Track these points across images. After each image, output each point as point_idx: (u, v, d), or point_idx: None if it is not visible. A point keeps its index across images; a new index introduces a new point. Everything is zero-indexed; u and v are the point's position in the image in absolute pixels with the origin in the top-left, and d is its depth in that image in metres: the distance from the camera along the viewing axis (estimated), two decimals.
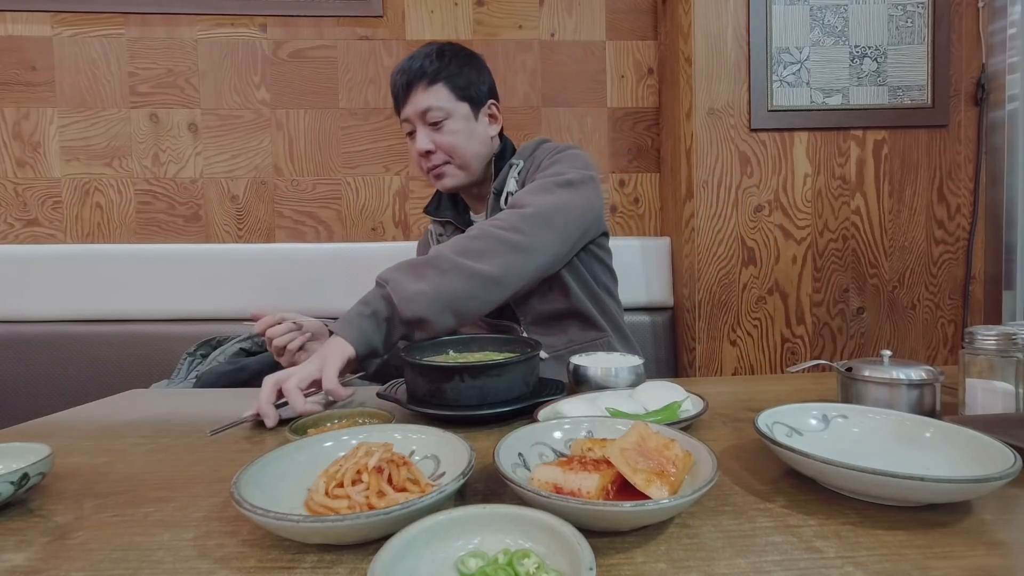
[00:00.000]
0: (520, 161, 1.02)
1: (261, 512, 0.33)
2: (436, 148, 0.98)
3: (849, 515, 0.39)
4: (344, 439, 0.46)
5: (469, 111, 0.99)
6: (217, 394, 0.88)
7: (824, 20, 1.44)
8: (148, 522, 0.40)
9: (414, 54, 0.99)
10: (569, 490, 0.37)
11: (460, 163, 1.00)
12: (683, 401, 0.57)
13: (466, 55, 1.01)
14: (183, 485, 0.47)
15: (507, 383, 0.64)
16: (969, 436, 0.45)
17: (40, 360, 1.48)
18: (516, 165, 1.01)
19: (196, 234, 1.64)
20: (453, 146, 0.98)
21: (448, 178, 1.01)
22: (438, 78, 0.96)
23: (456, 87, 0.97)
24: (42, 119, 1.59)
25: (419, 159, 1.01)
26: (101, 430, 0.64)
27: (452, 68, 0.97)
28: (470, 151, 1.00)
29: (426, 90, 0.96)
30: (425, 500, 0.34)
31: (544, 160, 0.99)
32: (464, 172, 1.01)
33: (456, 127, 0.97)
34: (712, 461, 0.39)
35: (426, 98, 0.96)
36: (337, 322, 0.74)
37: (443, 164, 1.00)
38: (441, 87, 0.96)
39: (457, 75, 0.98)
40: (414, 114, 0.97)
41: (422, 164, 1.02)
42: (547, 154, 1.01)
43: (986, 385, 0.60)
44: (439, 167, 1.00)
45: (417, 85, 0.96)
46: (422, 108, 0.96)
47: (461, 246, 0.80)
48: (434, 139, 0.98)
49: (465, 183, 1.03)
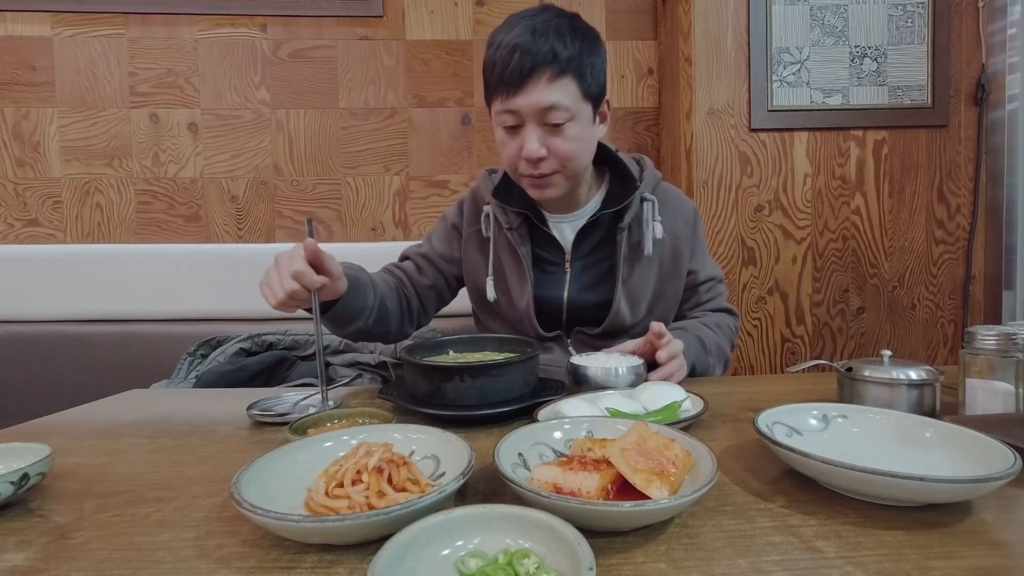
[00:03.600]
0: (654, 199, 0.89)
1: (261, 512, 0.33)
2: (550, 154, 0.80)
3: (849, 515, 0.39)
4: (344, 439, 0.46)
5: (591, 113, 0.82)
6: (217, 394, 0.88)
7: (824, 20, 1.44)
8: (148, 522, 0.40)
9: (535, 23, 0.77)
10: (569, 490, 0.37)
11: (571, 173, 0.83)
12: (683, 401, 0.57)
13: (594, 35, 0.82)
14: (183, 485, 0.47)
15: (507, 383, 0.64)
16: (969, 436, 0.45)
17: (40, 360, 1.48)
18: (652, 203, 0.89)
19: (196, 234, 1.64)
20: (571, 155, 0.80)
21: (553, 189, 0.84)
22: (569, 68, 0.76)
23: (585, 82, 0.78)
24: (42, 119, 1.59)
25: (517, 161, 0.82)
26: (101, 430, 0.64)
27: (584, 55, 0.78)
28: (584, 161, 0.84)
29: (552, 82, 0.76)
30: (425, 500, 0.34)
31: (700, 238, 0.98)
32: (571, 183, 0.86)
33: (577, 132, 0.80)
34: (712, 461, 0.39)
35: (551, 93, 0.76)
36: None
37: (552, 174, 0.82)
38: (570, 81, 0.77)
39: (588, 65, 0.78)
40: (529, 109, 0.77)
41: (521, 168, 0.82)
42: (694, 219, 0.96)
43: (986, 385, 0.60)
44: (547, 176, 0.82)
45: (543, 73, 0.75)
46: (544, 104, 0.76)
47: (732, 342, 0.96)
48: (549, 144, 0.79)
49: (566, 193, 0.88)
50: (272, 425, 0.64)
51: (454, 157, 1.69)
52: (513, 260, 0.92)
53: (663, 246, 0.91)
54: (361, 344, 1.35)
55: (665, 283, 0.93)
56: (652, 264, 0.91)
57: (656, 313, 0.93)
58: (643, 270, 0.91)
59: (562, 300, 0.91)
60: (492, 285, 0.93)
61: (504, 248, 0.93)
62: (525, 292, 0.91)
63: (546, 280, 0.92)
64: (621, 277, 0.89)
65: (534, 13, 0.79)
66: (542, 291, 0.91)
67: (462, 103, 1.68)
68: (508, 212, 0.91)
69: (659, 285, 0.93)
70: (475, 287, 0.98)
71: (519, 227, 0.91)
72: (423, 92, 1.67)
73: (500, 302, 0.94)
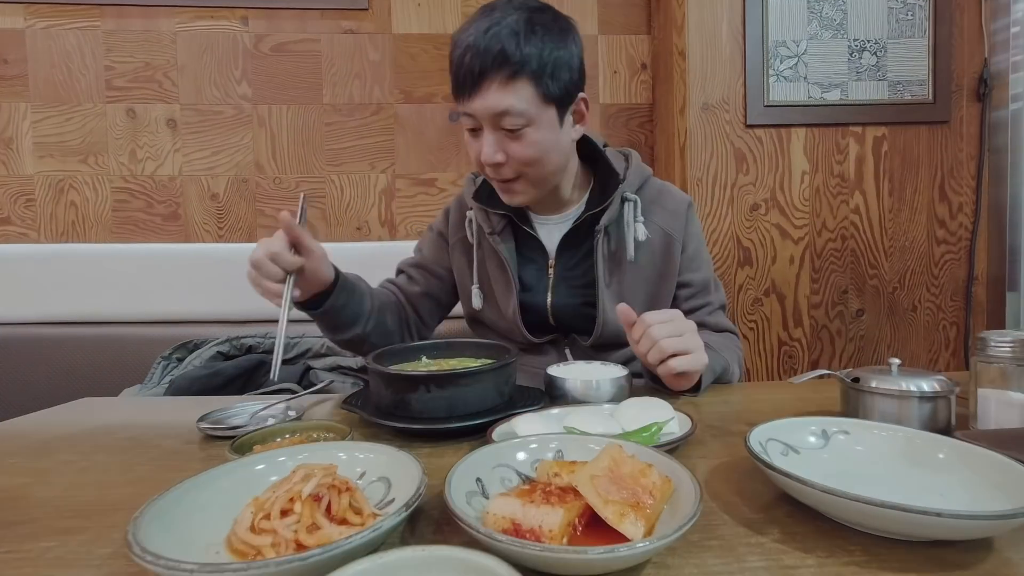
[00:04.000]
0: (636, 198, 0.84)
1: (151, 559, 0.28)
2: (507, 160, 0.76)
3: (854, 552, 0.34)
4: (280, 460, 0.41)
5: (555, 117, 0.76)
6: (174, 403, 0.82)
7: (822, 13, 1.39)
8: (43, 560, 0.35)
9: (491, 20, 0.71)
10: (528, 527, 0.31)
11: (537, 178, 0.79)
12: (666, 423, 0.51)
13: (560, 29, 0.75)
14: (101, 512, 0.42)
15: (479, 393, 0.58)
16: (987, 458, 0.40)
17: (10, 364, 1.42)
18: (633, 203, 0.84)
19: (175, 233, 1.59)
20: (530, 160, 0.76)
21: (521, 195, 0.81)
22: (523, 71, 0.71)
23: (544, 85, 0.73)
24: (14, 114, 1.54)
25: (482, 165, 0.79)
26: (33, 445, 0.58)
27: (544, 55, 0.72)
28: (549, 166, 0.79)
29: (505, 86, 0.71)
30: (354, 541, 0.29)
31: (695, 232, 0.89)
32: (536, 188, 0.81)
33: (536, 137, 0.75)
34: (695, 490, 0.34)
35: (503, 97, 0.71)
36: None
37: (514, 179, 0.79)
38: (526, 84, 0.72)
39: (548, 66, 0.72)
40: (484, 113, 0.73)
41: (486, 172, 0.81)
42: (687, 210, 0.88)
43: (1000, 396, 0.55)
44: (509, 182, 0.79)
45: (494, 77, 0.71)
46: (497, 110, 0.72)
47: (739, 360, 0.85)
48: (507, 149, 0.75)
49: (535, 199, 0.83)
50: (223, 439, 0.59)
51: (442, 154, 1.64)
52: (498, 266, 0.88)
53: (652, 248, 0.85)
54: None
55: (660, 286, 0.87)
56: (640, 268, 0.85)
57: None
58: (629, 275, 0.85)
59: (546, 306, 0.87)
60: (477, 293, 0.89)
61: (489, 254, 0.89)
62: (511, 299, 0.86)
63: (530, 285, 0.88)
64: (603, 283, 0.83)
65: (494, 7, 0.74)
66: (526, 296, 0.87)
67: (450, 99, 1.58)
68: (491, 216, 0.87)
69: (653, 289, 0.87)
70: (464, 296, 0.95)
71: (502, 231, 0.87)
72: (410, 87, 1.62)
73: (487, 310, 0.91)
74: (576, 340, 0.88)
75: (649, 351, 0.64)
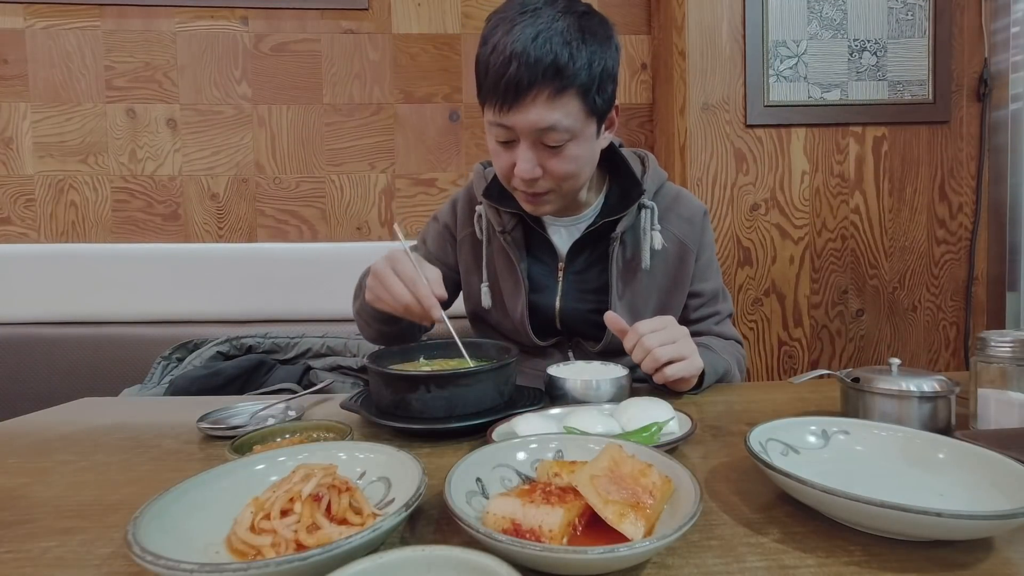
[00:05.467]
0: (653, 205, 0.81)
1: (151, 559, 0.28)
2: (545, 174, 0.72)
3: (853, 552, 0.34)
4: (280, 460, 0.41)
5: (595, 130, 0.72)
6: (175, 403, 0.82)
7: (822, 12, 1.39)
8: (43, 560, 0.35)
9: (539, 22, 0.64)
10: (528, 527, 0.31)
11: (568, 191, 0.75)
12: (666, 422, 0.51)
13: (605, 36, 0.69)
14: (101, 512, 0.42)
15: (478, 393, 0.58)
16: (986, 457, 0.40)
17: (10, 363, 1.42)
18: (650, 210, 0.80)
19: (175, 233, 1.59)
20: (568, 175, 0.72)
21: (548, 205, 0.76)
22: (574, 84, 0.66)
23: (591, 100, 0.68)
24: (14, 114, 1.54)
25: (510, 176, 0.74)
26: (33, 445, 0.58)
27: (593, 67, 0.66)
28: (583, 179, 0.76)
29: (552, 100, 0.66)
30: (353, 541, 0.29)
31: (708, 241, 0.87)
32: (566, 200, 0.77)
33: (577, 152, 0.71)
34: (695, 490, 0.34)
35: (549, 113, 0.66)
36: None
37: (547, 192, 0.74)
38: (573, 98, 0.66)
39: (596, 79, 0.67)
40: (525, 128, 0.68)
41: (514, 183, 0.75)
42: (702, 219, 0.86)
43: (1000, 396, 0.55)
44: (541, 195, 0.74)
45: (542, 90, 0.65)
46: (542, 126, 0.67)
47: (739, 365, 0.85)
48: (545, 164, 0.70)
49: (561, 208, 0.79)
50: (223, 439, 0.59)
51: (442, 155, 1.64)
52: (507, 266, 0.85)
53: (666, 256, 0.83)
54: (344, 348, 1.30)
55: (671, 295, 0.85)
56: (653, 276, 0.83)
57: None
58: (643, 283, 0.83)
59: (554, 309, 0.85)
60: (487, 292, 0.86)
61: (498, 252, 0.86)
62: (519, 301, 0.84)
63: (539, 287, 0.86)
64: (616, 293, 0.82)
65: (537, 8, 0.66)
66: (535, 298, 0.85)
67: (450, 99, 1.63)
68: (502, 214, 0.84)
69: (664, 298, 0.85)
70: (469, 293, 0.92)
71: (513, 230, 0.84)
72: (410, 87, 1.62)
73: (494, 310, 0.88)
74: (581, 344, 0.87)
75: (644, 360, 0.64)
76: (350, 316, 0.93)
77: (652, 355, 0.63)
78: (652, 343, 0.63)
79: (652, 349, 0.63)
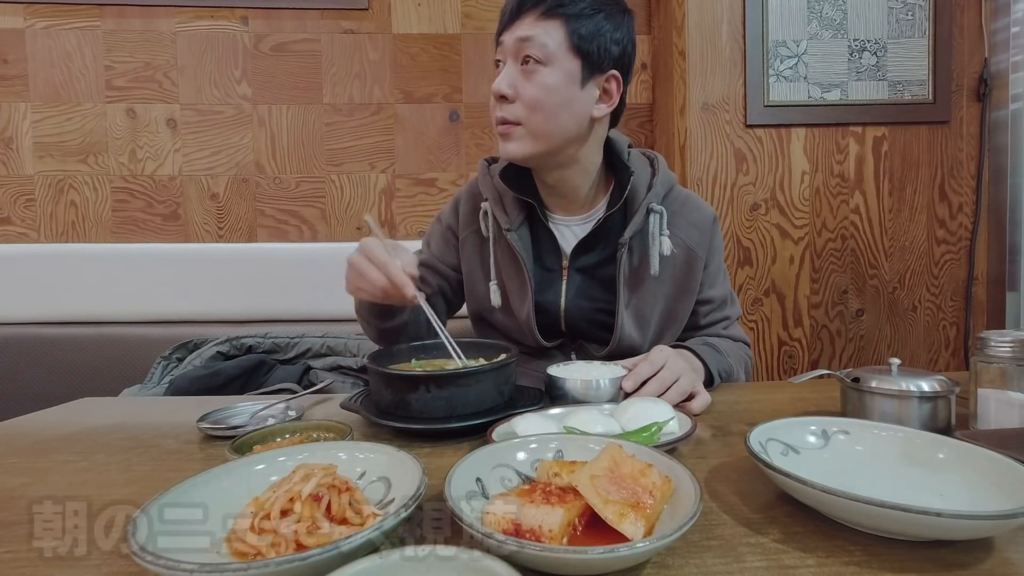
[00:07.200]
0: (662, 210, 0.81)
1: (151, 559, 0.28)
2: (514, 97, 0.74)
3: (854, 553, 0.34)
4: (280, 460, 0.41)
5: (579, 70, 0.74)
6: (175, 403, 0.82)
7: (822, 12, 1.39)
8: (43, 560, 0.35)
9: None
10: (528, 527, 0.31)
11: (536, 130, 0.75)
12: (666, 422, 0.51)
13: (618, 6, 0.77)
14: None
15: (478, 393, 0.58)
16: (987, 458, 0.40)
17: (10, 363, 1.42)
18: (659, 215, 0.80)
19: (175, 233, 1.59)
20: (535, 102, 0.73)
21: (514, 143, 0.76)
22: (559, 11, 0.72)
23: (576, 33, 0.73)
24: (14, 114, 1.54)
25: (491, 104, 0.77)
26: (33, 444, 0.58)
27: (585, 6, 0.73)
28: (555, 121, 0.75)
29: (537, 20, 0.72)
30: (353, 541, 0.29)
31: (718, 247, 0.88)
32: (536, 143, 0.76)
33: (549, 81, 0.73)
34: (695, 490, 0.34)
35: (532, 28, 0.72)
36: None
37: (513, 124, 0.75)
38: (557, 24, 0.72)
39: (586, 18, 0.73)
40: (510, 43, 0.74)
41: (492, 112, 0.78)
42: (712, 225, 0.86)
43: (1000, 396, 0.55)
44: (510, 124, 0.76)
45: (532, 10, 0.73)
46: (522, 36, 0.72)
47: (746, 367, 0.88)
48: (516, 85, 0.74)
49: (532, 156, 0.78)
50: (223, 439, 0.59)
51: (442, 155, 1.64)
52: (513, 264, 0.84)
53: (674, 262, 0.83)
54: (344, 348, 1.30)
55: (678, 302, 0.85)
56: (661, 282, 0.82)
57: (668, 335, 0.85)
58: (650, 289, 0.82)
59: (559, 309, 0.84)
60: (495, 290, 0.85)
61: (504, 250, 0.85)
62: (526, 300, 0.83)
63: (544, 285, 0.85)
64: (623, 301, 0.81)
65: None
66: (540, 298, 0.84)
67: (450, 99, 1.63)
68: (508, 210, 0.84)
69: (671, 304, 0.85)
70: (473, 294, 0.91)
71: (519, 227, 0.83)
72: (410, 87, 1.62)
73: (499, 309, 0.87)
74: (584, 347, 0.86)
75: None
76: (350, 316, 0.93)
77: (669, 368, 0.66)
78: (654, 393, 0.63)
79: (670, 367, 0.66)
